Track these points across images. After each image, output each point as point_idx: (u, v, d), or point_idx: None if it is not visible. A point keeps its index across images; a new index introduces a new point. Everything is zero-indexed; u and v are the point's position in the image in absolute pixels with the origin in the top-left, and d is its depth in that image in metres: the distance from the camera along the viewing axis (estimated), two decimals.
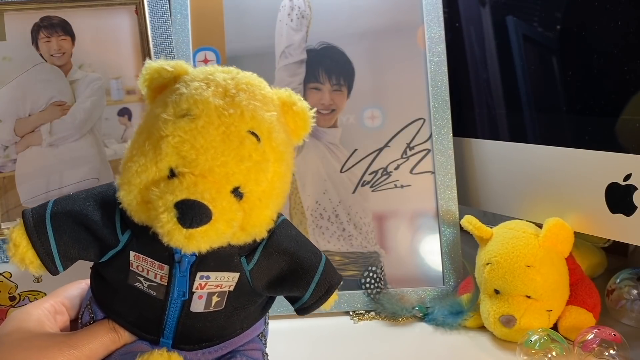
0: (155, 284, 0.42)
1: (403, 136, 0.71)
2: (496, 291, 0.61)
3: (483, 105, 0.74)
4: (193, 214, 0.36)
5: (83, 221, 0.42)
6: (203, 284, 0.42)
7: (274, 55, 0.71)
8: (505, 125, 0.71)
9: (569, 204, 0.63)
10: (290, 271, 0.44)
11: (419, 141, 0.71)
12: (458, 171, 0.71)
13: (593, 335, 0.55)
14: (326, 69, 0.71)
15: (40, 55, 0.67)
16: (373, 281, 0.69)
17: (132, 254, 0.42)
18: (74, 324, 0.47)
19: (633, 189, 0.57)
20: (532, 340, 0.55)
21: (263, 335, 0.48)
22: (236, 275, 0.43)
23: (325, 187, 0.70)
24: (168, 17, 0.70)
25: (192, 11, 0.71)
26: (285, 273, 0.44)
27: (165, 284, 0.42)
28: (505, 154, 0.70)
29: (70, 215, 0.42)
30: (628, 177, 0.57)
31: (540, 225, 0.62)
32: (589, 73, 0.61)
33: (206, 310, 0.43)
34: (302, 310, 0.46)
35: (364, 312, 0.68)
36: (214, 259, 0.41)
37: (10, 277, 0.65)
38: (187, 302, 0.42)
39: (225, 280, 0.42)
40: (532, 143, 0.67)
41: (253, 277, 0.43)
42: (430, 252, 0.70)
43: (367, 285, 0.69)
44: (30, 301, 0.64)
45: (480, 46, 0.73)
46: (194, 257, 0.41)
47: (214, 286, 0.42)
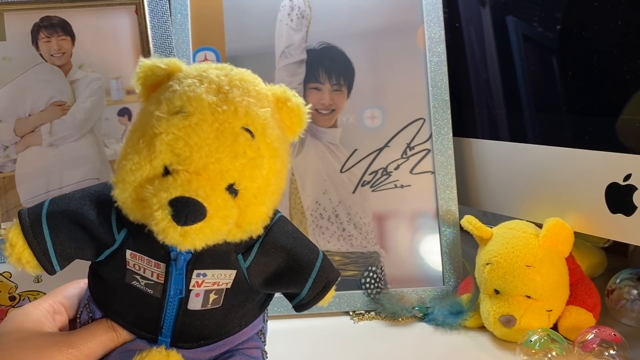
0: (152, 282, 0.42)
1: (403, 136, 0.71)
2: (496, 291, 0.61)
3: (483, 105, 0.74)
4: (187, 211, 0.36)
5: (79, 220, 0.42)
6: (200, 281, 0.42)
7: (274, 55, 0.71)
8: (505, 125, 0.71)
9: (569, 204, 0.63)
10: (287, 268, 0.44)
11: (419, 141, 0.71)
12: (458, 171, 0.71)
13: (593, 335, 0.55)
14: (326, 69, 0.71)
15: (40, 55, 0.68)
16: (373, 281, 0.69)
17: (129, 252, 0.42)
18: (73, 324, 0.46)
19: (633, 189, 0.57)
20: (532, 340, 0.55)
21: (262, 333, 0.48)
22: (233, 272, 0.42)
23: (325, 187, 0.70)
24: (168, 17, 0.70)
25: (192, 11, 0.71)
26: (282, 270, 0.44)
27: (162, 282, 0.41)
28: (505, 154, 0.70)
29: (66, 214, 0.42)
30: (628, 177, 0.57)
31: (540, 225, 0.62)
32: (589, 73, 0.61)
33: (204, 308, 0.43)
34: (300, 306, 0.46)
35: (364, 312, 0.68)
36: (211, 256, 0.41)
37: (10, 277, 0.65)
38: (185, 300, 0.42)
39: (222, 277, 0.42)
40: (532, 143, 0.67)
41: (250, 274, 0.43)
42: (430, 252, 0.70)
43: (367, 285, 0.68)
44: (30, 301, 0.64)
45: (480, 46, 0.73)
46: (190, 255, 0.41)
47: (211, 284, 0.42)
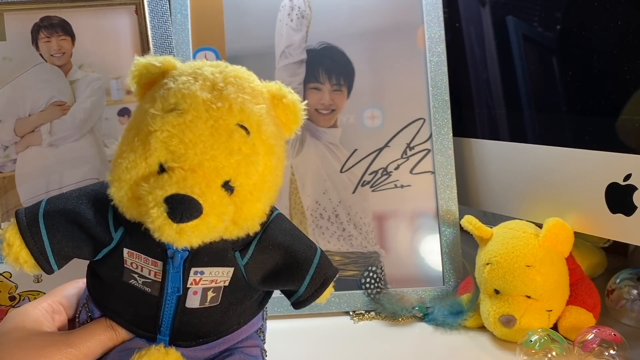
0: (149, 281, 0.42)
1: (403, 136, 0.71)
2: (496, 291, 0.61)
3: (483, 105, 0.74)
4: (183, 208, 0.36)
5: (76, 219, 0.42)
6: (197, 279, 0.42)
7: (274, 55, 0.71)
8: (505, 125, 0.71)
9: (569, 204, 0.63)
10: (285, 265, 0.44)
11: (419, 141, 0.71)
12: (458, 171, 0.71)
13: (593, 335, 0.54)
14: (326, 69, 0.71)
15: (40, 55, 0.68)
16: (373, 281, 0.68)
17: (126, 251, 0.42)
18: (72, 323, 0.47)
19: (633, 189, 0.57)
20: (532, 340, 0.55)
21: (261, 331, 0.48)
22: (230, 270, 0.42)
23: (325, 187, 0.70)
24: (168, 17, 0.70)
25: (192, 11, 0.71)
26: (280, 267, 0.44)
27: (160, 280, 0.41)
28: (505, 154, 0.70)
29: (63, 213, 0.42)
30: (628, 177, 0.57)
31: (540, 225, 0.62)
32: (589, 73, 0.61)
33: (202, 306, 0.43)
34: (298, 303, 0.46)
35: (364, 312, 0.68)
36: (208, 254, 0.41)
37: (10, 277, 0.65)
38: (182, 298, 0.42)
39: (220, 275, 0.42)
40: (532, 143, 0.67)
41: (248, 272, 0.43)
42: (430, 252, 0.70)
43: (367, 285, 0.68)
44: (30, 301, 0.64)
45: (480, 46, 0.73)
46: (187, 253, 0.41)
47: (208, 281, 0.42)
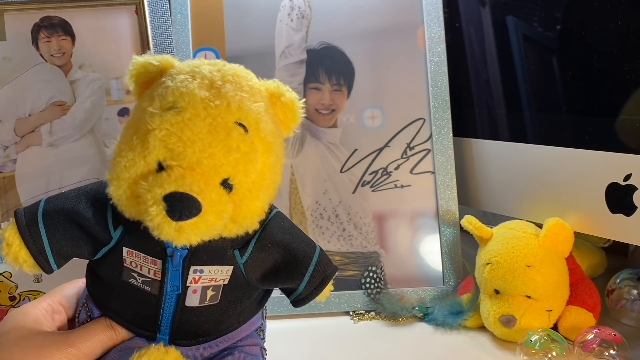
0: (149, 279, 0.42)
1: (403, 136, 0.71)
2: (496, 291, 0.61)
3: (483, 105, 0.74)
4: (182, 206, 0.36)
5: (75, 219, 0.42)
6: (197, 277, 0.42)
7: (274, 55, 0.71)
8: (505, 125, 0.71)
9: (569, 204, 0.63)
10: (284, 263, 0.44)
11: (419, 141, 0.71)
12: (458, 171, 0.71)
13: (593, 335, 0.54)
14: (326, 69, 0.71)
15: (40, 55, 0.68)
16: (373, 281, 0.68)
17: (125, 249, 0.42)
18: (72, 323, 0.47)
19: (633, 189, 0.57)
20: (532, 340, 0.55)
21: (261, 329, 0.48)
22: (230, 268, 0.42)
23: (325, 187, 0.70)
24: (168, 17, 0.70)
25: (192, 11, 0.71)
26: (279, 265, 0.44)
27: (159, 279, 0.41)
28: (505, 154, 0.70)
29: (62, 213, 0.42)
30: (628, 177, 0.57)
31: (540, 225, 0.62)
32: (589, 73, 0.61)
33: (201, 305, 0.43)
34: (298, 301, 0.46)
35: (364, 312, 0.68)
36: (207, 252, 0.41)
37: (10, 277, 0.65)
38: (182, 297, 0.42)
39: (219, 273, 0.42)
40: (532, 143, 0.67)
41: (247, 270, 0.43)
42: (430, 252, 0.70)
43: (367, 285, 0.68)
44: (30, 301, 0.64)
45: (480, 46, 0.73)
46: (186, 251, 0.41)
47: (208, 280, 0.42)
